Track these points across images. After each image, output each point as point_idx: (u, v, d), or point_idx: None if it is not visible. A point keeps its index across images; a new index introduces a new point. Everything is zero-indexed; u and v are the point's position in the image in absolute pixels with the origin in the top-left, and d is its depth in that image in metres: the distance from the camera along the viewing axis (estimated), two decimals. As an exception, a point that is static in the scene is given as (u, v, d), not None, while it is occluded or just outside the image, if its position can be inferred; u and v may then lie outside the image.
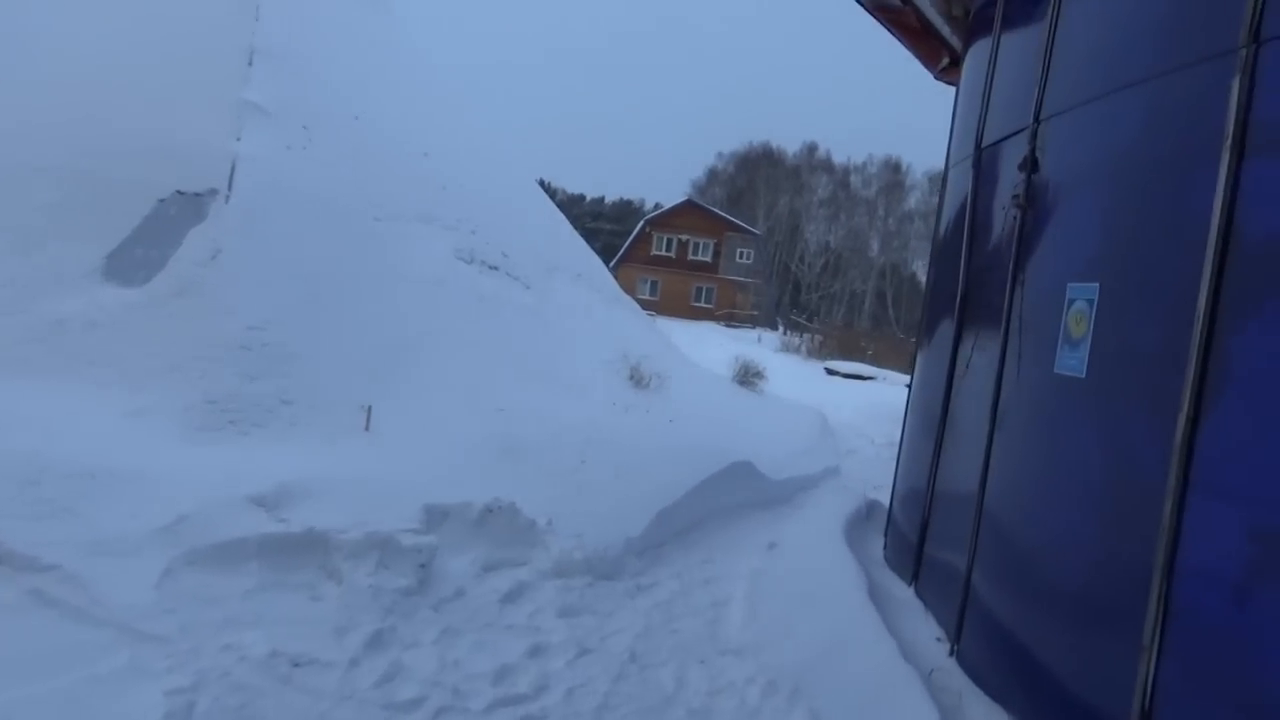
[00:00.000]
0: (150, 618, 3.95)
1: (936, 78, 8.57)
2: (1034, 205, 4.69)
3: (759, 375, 14.16)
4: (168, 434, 5.78)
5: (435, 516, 5.45)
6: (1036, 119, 4.75)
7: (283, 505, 5.04)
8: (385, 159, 9.74)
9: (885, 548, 6.52)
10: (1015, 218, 4.72)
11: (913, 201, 69.81)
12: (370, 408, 6.80)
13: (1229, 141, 2.99)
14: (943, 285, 6.01)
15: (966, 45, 6.84)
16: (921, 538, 5.45)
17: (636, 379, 10.76)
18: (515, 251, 11.04)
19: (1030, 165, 4.81)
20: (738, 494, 7.74)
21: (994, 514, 4.44)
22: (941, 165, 6.88)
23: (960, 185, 6.01)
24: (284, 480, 5.27)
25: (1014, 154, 4.93)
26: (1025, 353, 4.49)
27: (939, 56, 8.18)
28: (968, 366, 5.06)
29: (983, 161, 5.60)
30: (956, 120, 6.50)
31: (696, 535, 6.81)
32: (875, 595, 5.25)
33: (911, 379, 6.70)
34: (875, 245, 69.74)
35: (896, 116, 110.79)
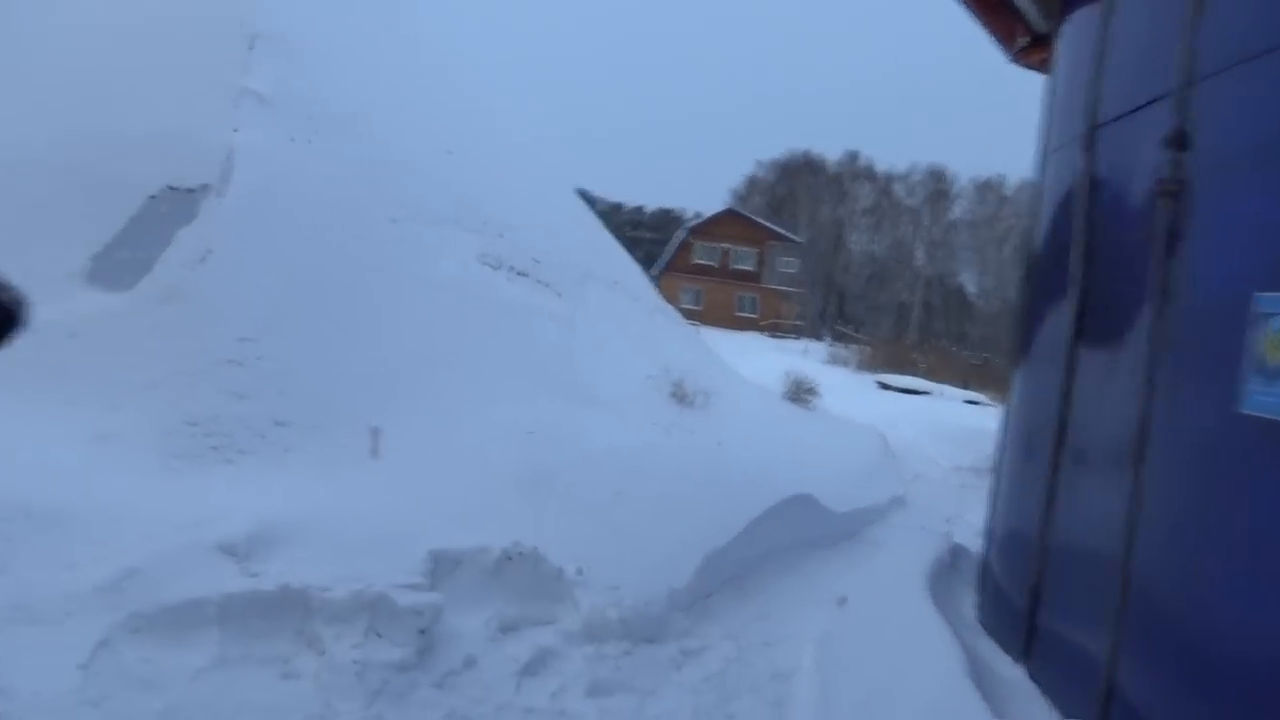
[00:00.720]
0: (67, 711, 3.11)
1: (1013, 60, 7.57)
2: (1188, 193, 3.70)
3: (812, 391, 13.16)
4: (138, 462, 4.97)
5: (444, 565, 4.57)
6: (1188, 81, 3.76)
7: (258, 554, 4.19)
8: (402, 155, 8.95)
9: (980, 607, 5.50)
10: (1161, 209, 3.74)
11: (959, 210, 68.19)
12: (378, 430, 5.96)
13: None
14: (1046, 294, 5.01)
15: (1063, 14, 5.84)
16: (1033, 602, 4.45)
17: (680, 396, 9.84)
18: (546, 257, 10.18)
19: (1180, 141, 3.82)
20: (797, 531, 6.79)
21: (1149, 585, 3.45)
22: (991, 173, 5.91)
23: (1064, 175, 5.01)
24: (265, 520, 4.43)
25: (1151, 128, 3.94)
26: (1182, 381, 3.50)
27: (1015, 34, 7.19)
28: (1101, 396, 4.07)
29: (1099, 143, 4.61)
30: (1055, 99, 5.50)
31: (751, 583, 5.87)
32: (976, 673, 4.26)
33: (1009, 400, 5.70)
34: (920, 255, 68.11)
35: (940, 124, 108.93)
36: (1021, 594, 4.60)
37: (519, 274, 9.53)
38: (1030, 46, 7.20)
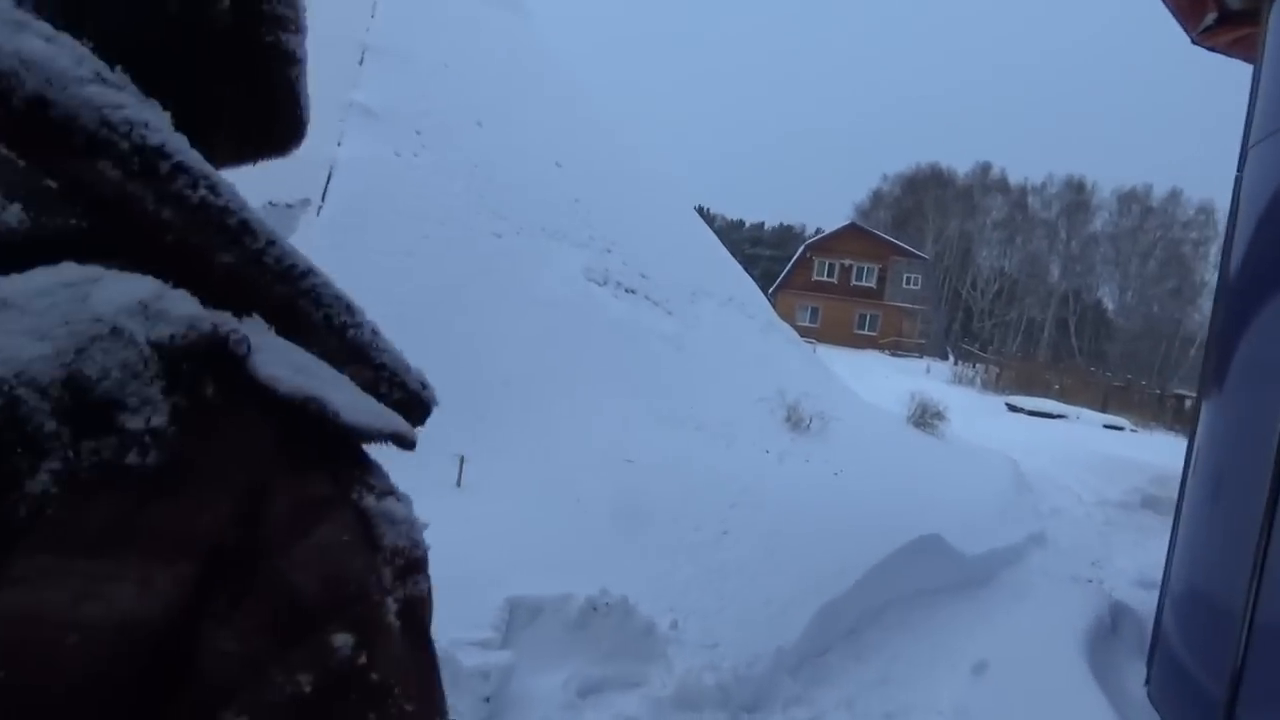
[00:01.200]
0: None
1: (1195, 41, 6.66)
2: None
3: (939, 416, 12.19)
4: (210, 489, 4.69)
5: (520, 615, 4.10)
6: None
7: (317, 597, 3.79)
8: (510, 169, 8.64)
9: (1150, 682, 4.65)
10: None
11: (1099, 223, 64.42)
12: (463, 459, 5.57)
13: None
14: (1255, 308, 4.17)
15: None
16: (1234, 689, 3.61)
17: (794, 420, 9.16)
18: (657, 273, 9.71)
19: None
20: (924, 577, 6.04)
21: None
22: (1135, 183, 5.00)
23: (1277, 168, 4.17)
24: (332, 558, 4.04)
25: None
26: None
27: (1202, 11, 6.29)
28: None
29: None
30: (1264, 82, 4.65)
31: (870, 637, 5.18)
32: (1155, 773, 3.47)
33: (1193, 434, 4.84)
34: (1055, 270, 64.60)
35: (1081, 132, 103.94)
36: (1217, 677, 3.76)
37: (626, 290, 9.08)
38: (1218, 25, 6.34)
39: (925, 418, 12.12)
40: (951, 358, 44.49)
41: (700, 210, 26.17)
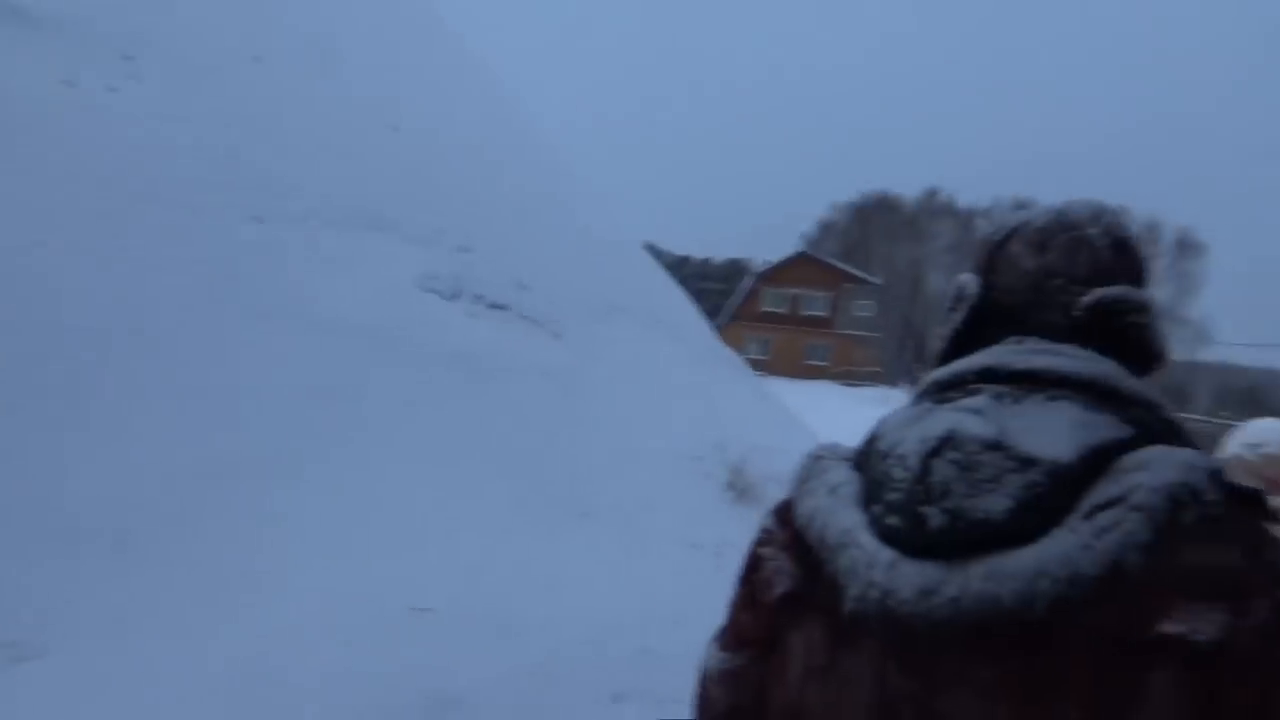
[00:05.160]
0: None
1: None
2: None
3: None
4: None
5: None
6: None
7: None
8: (296, 127, 5.77)
9: None
10: None
11: (1048, 245, 63.05)
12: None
13: None
14: None
15: None
16: None
17: (740, 488, 6.36)
18: (541, 281, 6.88)
19: None
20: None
21: None
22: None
23: None
24: None
25: None
26: None
27: None
28: None
29: None
30: None
31: None
32: None
33: None
34: (1007, 294, 62.98)
35: (1027, 152, 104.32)
36: None
37: (491, 306, 6.24)
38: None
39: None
40: (907, 386, 42.35)
41: (649, 247, 22.89)
